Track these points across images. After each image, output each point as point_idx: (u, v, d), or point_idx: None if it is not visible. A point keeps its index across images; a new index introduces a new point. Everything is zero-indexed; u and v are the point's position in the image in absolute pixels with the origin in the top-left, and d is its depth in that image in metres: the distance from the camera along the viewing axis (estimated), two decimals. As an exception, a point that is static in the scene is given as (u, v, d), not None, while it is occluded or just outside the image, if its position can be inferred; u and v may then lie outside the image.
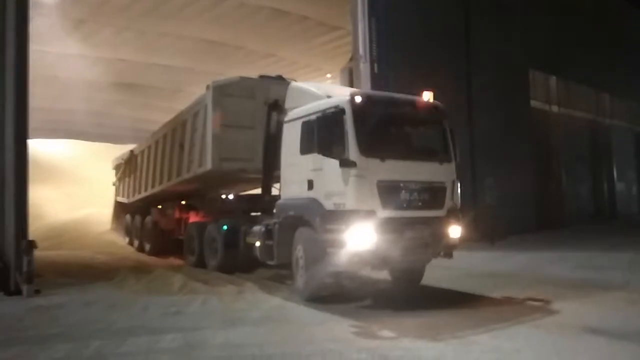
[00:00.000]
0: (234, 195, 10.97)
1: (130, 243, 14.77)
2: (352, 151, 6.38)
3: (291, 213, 7.39)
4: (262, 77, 10.02)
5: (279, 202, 7.86)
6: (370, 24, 13.93)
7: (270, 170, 9.72)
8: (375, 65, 13.90)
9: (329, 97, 7.24)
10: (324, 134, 6.62)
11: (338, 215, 6.44)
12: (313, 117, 6.98)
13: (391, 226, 6.40)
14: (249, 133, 9.49)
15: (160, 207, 13.02)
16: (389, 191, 6.46)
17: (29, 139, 8.48)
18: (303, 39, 17.99)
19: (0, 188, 8.43)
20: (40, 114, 19.60)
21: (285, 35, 17.55)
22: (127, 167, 15.11)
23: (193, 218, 11.63)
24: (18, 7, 8.30)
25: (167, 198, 12.69)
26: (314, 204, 6.83)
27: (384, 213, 6.41)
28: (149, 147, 13.13)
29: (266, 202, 9.87)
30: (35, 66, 15.16)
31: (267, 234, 8.04)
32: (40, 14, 13.29)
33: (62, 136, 25.48)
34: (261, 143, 9.53)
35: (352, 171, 6.34)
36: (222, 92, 9.34)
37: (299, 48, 18.45)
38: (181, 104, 11.78)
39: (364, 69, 13.99)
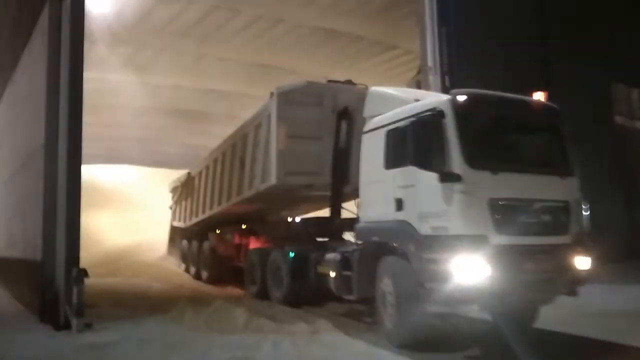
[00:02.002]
0: (301, 219, 9.91)
1: (187, 270, 14.02)
2: (456, 162, 5.21)
3: (375, 239, 6.26)
4: (330, 81, 9.07)
5: (359, 225, 6.73)
6: (440, 33, 12.91)
7: (339, 187, 8.75)
8: (447, 77, 12.77)
9: (417, 100, 6.16)
10: (418, 143, 5.48)
11: (439, 242, 5.25)
12: (403, 123, 5.87)
13: (508, 256, 5.14)
14: (316, 144, 8.54)
15: (218, 231, 12.18)
16: (504, 212, 5.22)
17: (84, 164, 7.99)
18: (357, 60, 17.39)
19: (52, 213, 7.87)
20: (99, 142, 19.98)
21: (340, 57, 17.03)
22: (184, 190, 14.49)
23: (254, 244, 10.68)
24: (72, 30, 7.84)
25: (225, 222, 11.86)
26: (406, 227, 5.67)
27: (498, 239, 5.16)
28: (207, 167, 12.41)
29: (335, 226, 8.89)
30: (95, 94, 14.92)
31: (344, 264, 6.91)
32: (101, 41, 13.31)
33: (120, 162, 25.73)
34: (329, 156, 8.61)
35: (457, 187, 5.16)
36: (288, 99, 8.44)
37: (353, 69, 17.69)
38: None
39: (434, 81, 12.90)
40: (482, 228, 5.14)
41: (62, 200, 7.76)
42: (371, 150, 6.48)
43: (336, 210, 8.97)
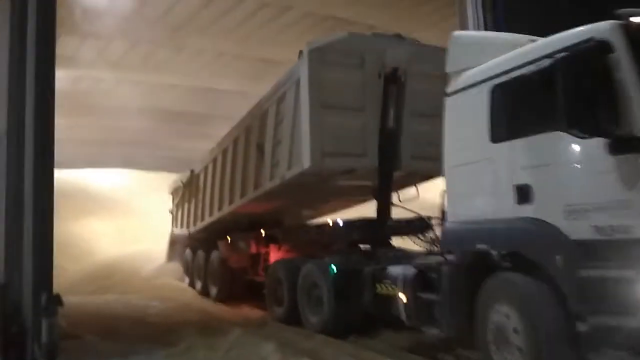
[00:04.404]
0: (344, 221, 7.83)
1: (191, 285, 12.00)
2: (640, 121, 3.25)
3: (480, 246, 4.25)
4: (375, 35, 7.24)
5: (448, 227, 4.70)
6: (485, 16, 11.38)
7: (389, 174, 6.90)
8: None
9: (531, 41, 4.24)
10: (564, 95, 3.49)
11: (612, 250, 3.28)
12: (528, 70, 3.88)
13: None
14: (358, 117, 6.70)
15: (229, 239, 10.17)
16: None
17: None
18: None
19: (17, 222, 5.97)
20: (91, 145, 19.15)
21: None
22: (186, 190, 12.50)
23: (275, 254, 8.66)
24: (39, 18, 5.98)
25: (236, 227, 9.86)
26: (542, 229, 3.69)
27: None
28: (214, 160, 10.40)
29: (387, 229, 6.99)
30: (87, 95, 13.31)
31: (421, 282, 4.90)
32: (91, 36, 12.08)
33: (114, 166, 24.14)
34: (375, 132, 6.76)
35: (646, 160, 3.20)
36: (322, 58, 6.50)
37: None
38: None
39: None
40: (689, 226, 3.17)
41: (29, 205, 5.88)
42: (463, 117, 4.52)
43: (385, 206, 7.03)
